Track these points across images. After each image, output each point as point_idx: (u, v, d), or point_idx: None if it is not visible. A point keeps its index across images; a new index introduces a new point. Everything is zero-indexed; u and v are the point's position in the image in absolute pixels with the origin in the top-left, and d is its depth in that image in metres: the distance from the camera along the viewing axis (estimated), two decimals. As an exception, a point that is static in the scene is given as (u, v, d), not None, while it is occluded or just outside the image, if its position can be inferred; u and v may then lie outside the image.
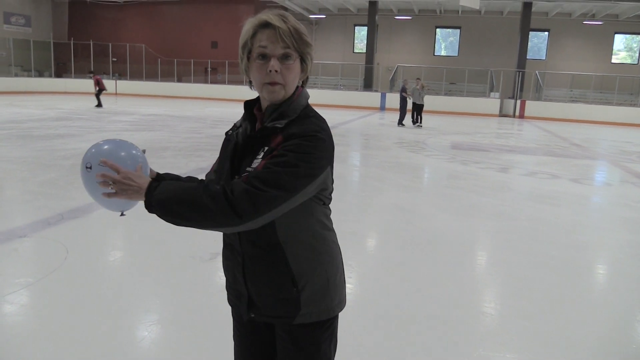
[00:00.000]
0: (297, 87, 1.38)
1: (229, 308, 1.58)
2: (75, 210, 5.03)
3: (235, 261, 1.43)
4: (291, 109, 1.33)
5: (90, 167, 1.30)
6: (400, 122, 16.78)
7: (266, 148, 1.30)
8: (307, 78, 1.42)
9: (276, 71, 1.28)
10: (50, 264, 3.66)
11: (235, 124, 1.45)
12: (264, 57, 1.29)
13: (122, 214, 1.42)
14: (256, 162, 1.30)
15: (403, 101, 17.00)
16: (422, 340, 2.86)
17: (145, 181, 1.28)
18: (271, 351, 1.53)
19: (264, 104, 1.38)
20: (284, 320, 1.41)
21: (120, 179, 1.27)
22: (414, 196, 6.75)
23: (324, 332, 1.44)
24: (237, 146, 1.38)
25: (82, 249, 4.02)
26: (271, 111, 1.35)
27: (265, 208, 1.20)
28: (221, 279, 3.69)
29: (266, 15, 1.29)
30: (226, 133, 1.46)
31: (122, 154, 1.33)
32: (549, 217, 5.71)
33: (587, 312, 3.37)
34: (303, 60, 1.35)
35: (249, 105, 1.44)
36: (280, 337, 1.45)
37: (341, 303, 1.47)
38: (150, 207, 1.27)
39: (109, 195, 1.29)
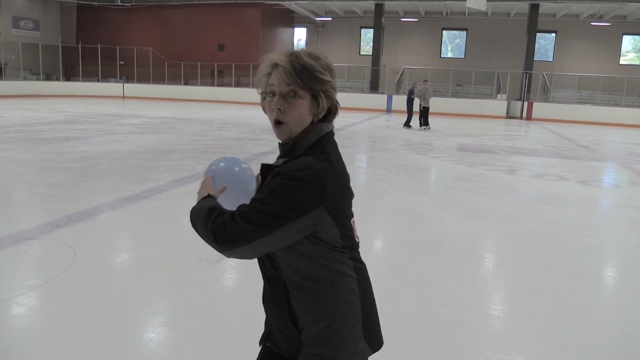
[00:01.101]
0: (313, 122, 1.35)
1: (235, 310, 1.59)
2: (83, 212, 5.06)
3: (266, 291, 1.45)
4: (296, 148, 1.33)
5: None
6: (406, 124, 16.77)
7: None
8: (330, 112, 1.38)
9: (279, 109, 1.31)
10: (58, 266, 3.69)
11: None
12: (273, 95, 1.32)
13: None
14: None
15: (410, 103, 16.98)
16: (430, 342, 2.85)
17: (204, 194, 1.40)
18: None
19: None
20: (290, 356, 1.39)
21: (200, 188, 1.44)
22: (420, 198, 6.73)
23: None
24: None
25: (89, 251, 4.04)
26: (281, 149, 1.38)
27: (235, 240, 1.23)
28: (228, 281, 3.71)
29: (274, 56, 1.32)
30: None
31: (236, 169, 1.51)
32: (556, 219, 5.67)
33: (596, 315, 3.35)
34: (315, 97, 1.32)
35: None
36: None
37: (353, 356, 1.36)
38: None
39: None
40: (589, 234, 5.27)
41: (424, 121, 16.53)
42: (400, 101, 21.26)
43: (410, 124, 16.73)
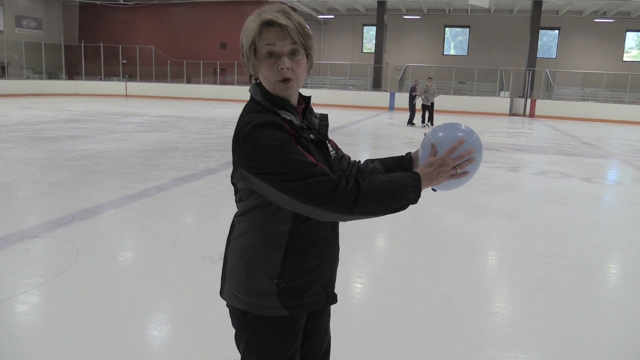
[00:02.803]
0: None
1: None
2: (85, 210, 5.06)
3: (332, 251, 1.47)
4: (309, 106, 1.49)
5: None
6: (410, 122, 16.75)
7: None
8: (311, 66, 1.45)
9: (288, 68, 1.27)
10: (62, 264, 3.69)
11: (293, 121, 1.31)
12: (273, 55, 1.27)
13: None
14: (331, 148, 1.48)
15: (412, 101, 16.97)
16: (433, 340, 2.84)
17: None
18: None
19: (293, 97, 1.38)
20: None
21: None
22: (423, 196, 6.68)
23: None
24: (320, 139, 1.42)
25: (92, 249, 4.05)
26: (308, 109, 1.47)
27: None
28: (231, 279, 3.69)
29: (271, 14, 1.26)
30: (296, 132, 1.31)
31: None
32: (560, 216, 5.65)
33: (601, 313, 3.33)
34: (308, 53, 1.35)
35: (285, 101, 1.34)
36: (325, 315, 1.58)
37: None
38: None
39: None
40: (593, 232, 5.25)
41: (428, 118, 16.50)
42: (403, 99, 21.23)
43: (413, 121, 16.72)
